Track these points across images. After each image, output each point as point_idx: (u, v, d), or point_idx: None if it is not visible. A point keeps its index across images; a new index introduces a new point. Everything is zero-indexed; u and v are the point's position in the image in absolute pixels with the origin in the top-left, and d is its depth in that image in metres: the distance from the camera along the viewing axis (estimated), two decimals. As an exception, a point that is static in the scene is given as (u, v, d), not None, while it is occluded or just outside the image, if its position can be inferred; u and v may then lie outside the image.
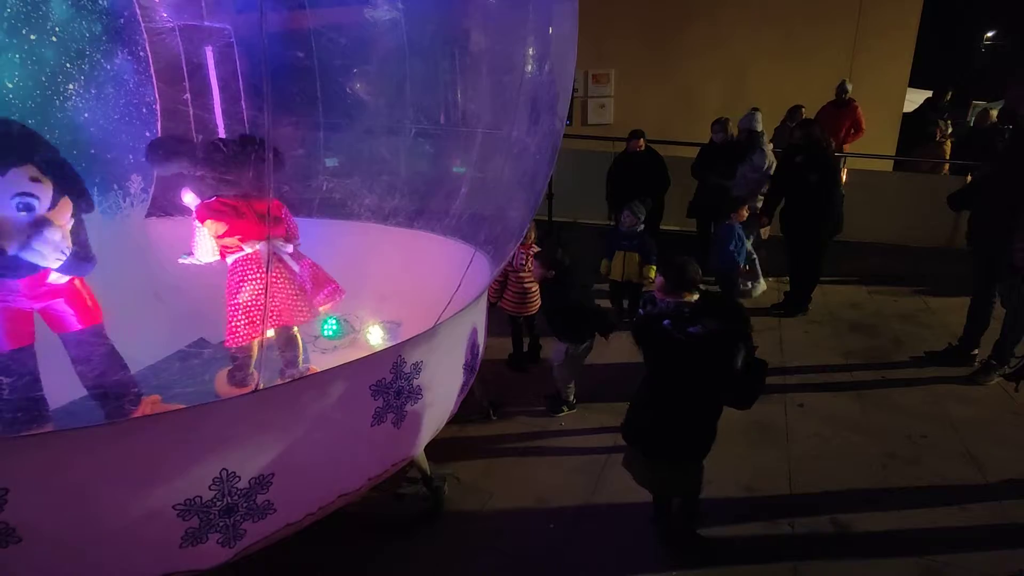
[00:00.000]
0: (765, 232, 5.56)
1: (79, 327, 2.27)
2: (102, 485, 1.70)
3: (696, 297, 2.70)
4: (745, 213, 5.21)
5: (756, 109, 5.69)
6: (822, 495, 2.96)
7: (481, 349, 3.13)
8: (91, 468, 1.67)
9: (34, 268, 2.09)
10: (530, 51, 2.58)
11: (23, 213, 1.99)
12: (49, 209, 2.06)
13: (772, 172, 5.37)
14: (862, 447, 3.37)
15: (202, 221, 2.52)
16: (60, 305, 2.22)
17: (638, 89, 9.03)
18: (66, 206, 2.13)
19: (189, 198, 2.62)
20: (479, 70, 2.90)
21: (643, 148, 5.90)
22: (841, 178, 5.10)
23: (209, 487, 1.85)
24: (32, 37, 2.86)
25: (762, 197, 5.46)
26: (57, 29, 2.96)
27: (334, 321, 3.42)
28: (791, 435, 3.48)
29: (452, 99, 3.10)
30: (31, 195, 1.99)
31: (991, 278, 4.12)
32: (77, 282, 2.28)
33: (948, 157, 7.45)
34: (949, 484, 3.05)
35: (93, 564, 1.77)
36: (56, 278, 2.17)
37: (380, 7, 2.82)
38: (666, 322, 2.33)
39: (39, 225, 2.01)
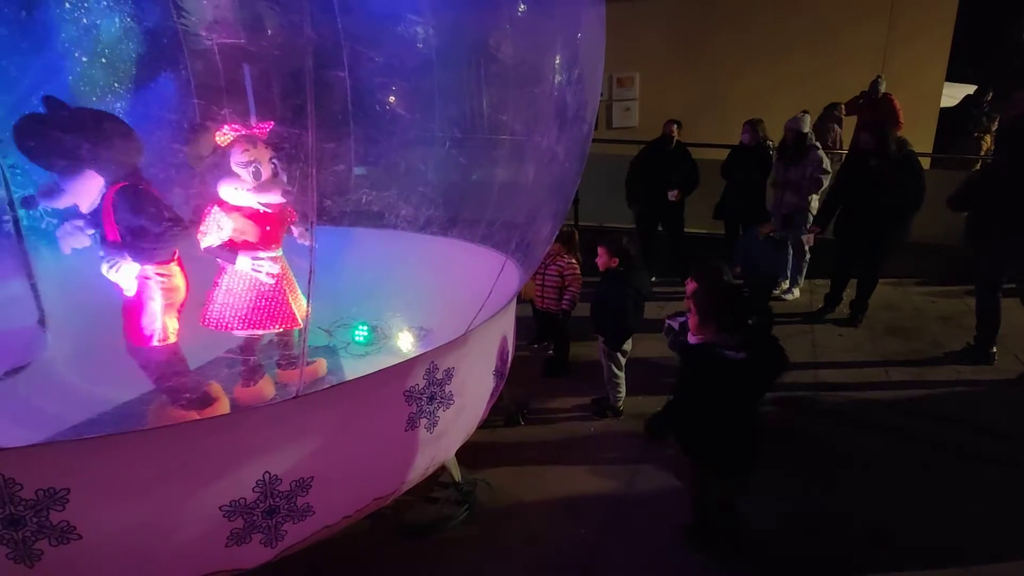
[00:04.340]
0: (810, 240, 5.36)
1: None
2: (155, 486, 1.78)
3: None
4: (769, 228, 5.08)
5: (805, 112, 5.58)
6: (860, 503, 2.90)
7: (511, 355, 3.16)
8: (146, 469, 1.76)
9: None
10: (558, 59, 2.61)
11: None
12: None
13: (829, 169, 5.28)
14: (901, 454, 3.29)
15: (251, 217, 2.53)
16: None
17: (663, 92, 8.98)
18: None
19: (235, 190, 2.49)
20: (509, 80, 2.95)
21: (676, 136, 5.86)
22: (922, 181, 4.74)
23: (252, 489, 1.92)
24: (84, 60, 3.02)
25: (816, 197, 5.36)
26: (106, 51, 3.13)
27: (365, 328, 3.49)
28: (827, 442, 3.42)
29: (482, 109, 3.15)
30: None
31: (996, 276, 4.07)
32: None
33: (987, 152, 7.21)
34: (991, 491, 2.96)
35: (146, 562, 1.85)
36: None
37: (410, 22, 2.88)
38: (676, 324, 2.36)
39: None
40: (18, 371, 2.61)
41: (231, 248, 2.53)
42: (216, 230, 2.48)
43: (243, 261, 2.53)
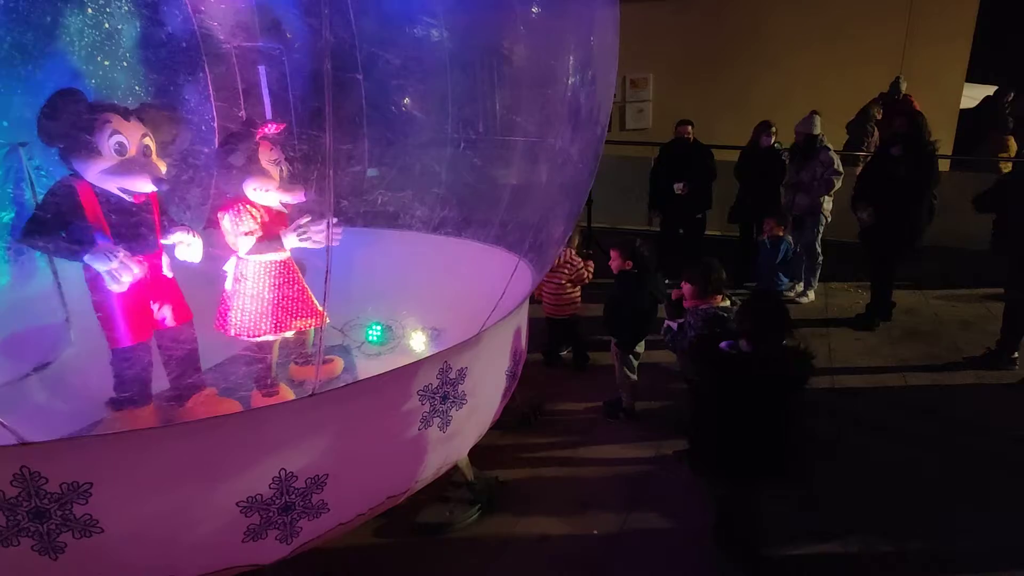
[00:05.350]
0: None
1: (175, 324, 2.39)
2: (175, 481, 1.82)
3: (727, 303, 2.66)
4: (774, 227, 4.99)
5: (816, 112, 5.52)
6: (872, 505, 2.86)
7: (523, 355, 3.17)
8: (166, 465, 1.79)
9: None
10: (572, 61, 2.62)
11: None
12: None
13: (840, 170, 5.23)
14: (918, 462, 3.24)
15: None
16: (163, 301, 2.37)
17: (677, 93, 8.94)
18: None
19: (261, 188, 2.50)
20: (523, 82, 2.96)
21: (691, 136, 5.85)
22: (937, 177, 4.67)
23: (269, 486, 1.94)
24: (106, 63, 3.09)
25: (829, 198, 5.32)
26: (127, 55, 3.19)
27: (379, 327, 3.52)
28: (843, 449, 3.37)
29: (495, 111, 3.17)
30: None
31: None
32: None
33: (1012, 155, 7.09)
34: (1012, 500, 2.90)
35: (166, 555, 1.89)
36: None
37: (424, 24, 2.91)
38: (723, 344, 2.33)
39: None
40: (44, 367, 2.67)
41: (270, 238, 2.49)
42: (251, 226, 2.46)
43: (290, 239, 2.46)
